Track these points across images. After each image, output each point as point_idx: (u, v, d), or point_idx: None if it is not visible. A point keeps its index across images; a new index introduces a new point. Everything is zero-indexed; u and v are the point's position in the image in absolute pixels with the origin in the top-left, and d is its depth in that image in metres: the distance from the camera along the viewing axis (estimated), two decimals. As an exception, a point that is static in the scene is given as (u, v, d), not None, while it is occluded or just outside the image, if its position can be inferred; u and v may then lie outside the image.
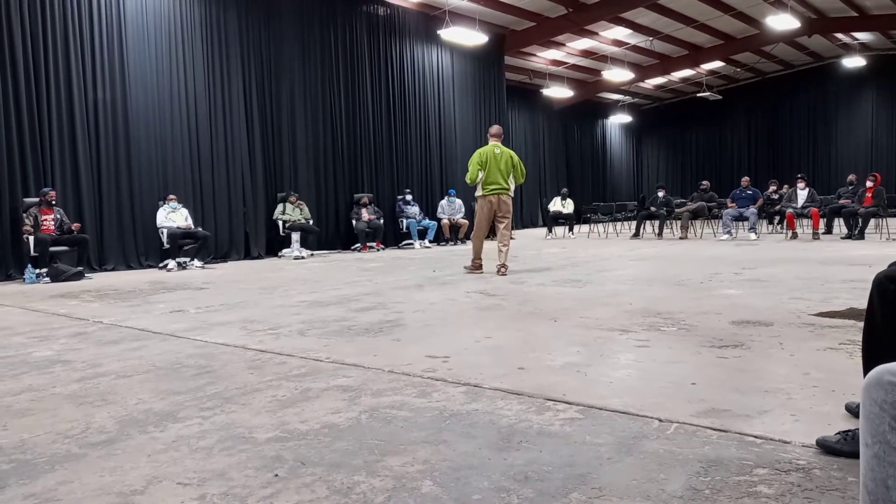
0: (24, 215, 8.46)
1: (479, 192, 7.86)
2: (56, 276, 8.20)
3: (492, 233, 8.23)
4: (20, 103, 8.76)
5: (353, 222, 12.80)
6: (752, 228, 12.73)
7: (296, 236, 11.42)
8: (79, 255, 8.77)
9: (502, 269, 7.63)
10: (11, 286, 7.96)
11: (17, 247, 8.65)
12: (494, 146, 7.83)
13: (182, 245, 9.80)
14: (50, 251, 8.37)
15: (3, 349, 4.05)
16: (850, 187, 13.78)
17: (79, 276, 8.38)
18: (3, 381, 3.23)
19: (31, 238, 8.30)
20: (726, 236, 12.83)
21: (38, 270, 8.24)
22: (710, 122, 26.22)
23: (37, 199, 8.62)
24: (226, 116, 11.18)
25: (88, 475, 2.03)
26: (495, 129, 8.14)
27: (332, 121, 12.98)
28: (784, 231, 13.20)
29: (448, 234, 14.28)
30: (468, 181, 7.93)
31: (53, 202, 8.65)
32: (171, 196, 9.96)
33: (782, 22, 15.31)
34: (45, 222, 8.53)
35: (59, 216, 8.71)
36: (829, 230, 12.95)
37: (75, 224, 8.78)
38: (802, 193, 12.74)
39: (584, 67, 20.79)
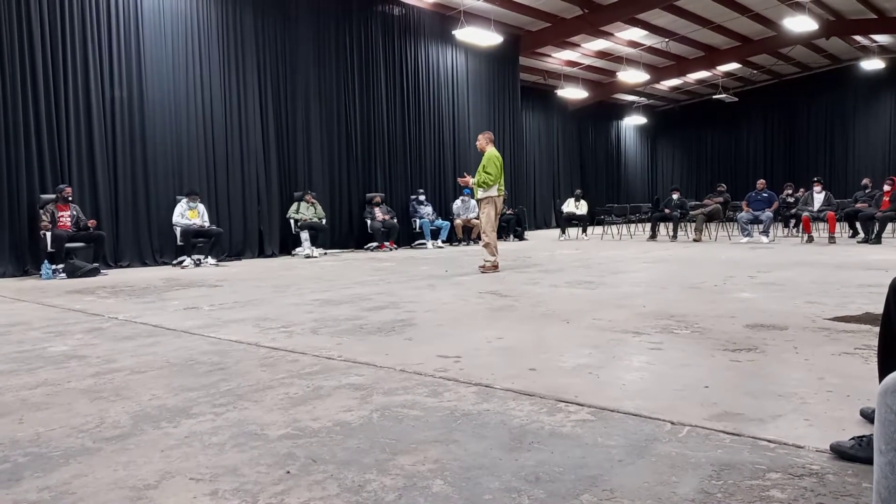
0: (41, 212, 8.55)
1: (493, 193, 8.02)
2: (72, 272, 8.28)
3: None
4: (38, 101, 8.86)
5: (368, 222, 12.82)
6: (765, 231, 12.63)
7: (305, 234, 11.45)
8: (94, 252, 8.86)
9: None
10: (28, 282, 8.05)
11: (34, 243, 8.75)
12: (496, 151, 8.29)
13: (195, 243, 9.87)
14: (66, 247, 8.46)
15: (19, 344, 4.09)
16: (867, 191, 13.65)
17: (94, 272, 8.46)
18: (20, 376, 3.27)
19: (48, 234, 8.38)
20: (746, 239, 12.75)
21: (54, 266, 8.32)
22: (726, 125, 26.05)
23: (53, 196, 8.71)
24: (241, 115, 11.24)
25: (102, 469, 2.05)
26: (491, 134, 8.59)
27: (347, 120, 13.03)
28: (800, 234, 13.10)
29: (461, 235, 14.29)
30: (490, 183, 8.01)
31: (70, 199, 8.74)
32: (194, 195, 10.02)
33: (800, 24, 15.18)
34: (61, 219, 8.62)
35: (75, 213, 8.79)
36: (855, 233, 12.85)
37: (91, 221, 8.87)
38: (819, 197, 12.62)
39: (599, 68, 20.72)
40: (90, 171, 9.44)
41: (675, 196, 14.33)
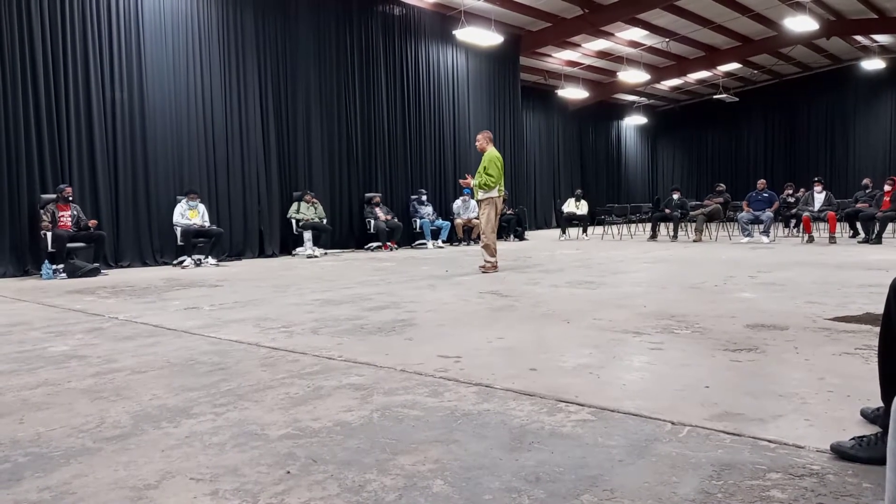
0: (42, 212, 8.56)
1: (493, 194, 8.03)
2: (72, 272, 8.28)
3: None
4: (39, 101, 8.86)
5: (371, 221, 12.80)
6: (765, 232, 12.63)
7: (308, 235, 11.48)
8: (95, 252, 8.86)
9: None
10: (29, 282, 8.05)
11: (34, 243, 8.76)
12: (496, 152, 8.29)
13: (196, 243, 9.88)
14: (67, 247, 8.46)
15: (20, 344, 4.09)
16: (867, 191, 13.65)
17: (95, 272, 8.46)
18: (20, 376, 3.27)
19: (49, 234, 8.38)
20: (746, 239, 12.74)
21: (54, 266, 8.32)
22: (727, 125, 26.05)
23: (54, 196, 8.71)
24: (241, 115, 11.25)
25: (103, 469, 2.05)
26: (490, 134, 8.57)
27: (347, 120, 13.03)
28: (800, 235, 13.09)
29: (461, 235, 14.28)
30: (491, 185, 8.02)
31: (70, 198, 8.74)
32: (193, 194, 10.04)
33: (800, 24, 15.16)
34: (62, 219, 8.62)
35: (75, 213, 8.79)
36: (855, 233, 12.86)
37: (92, 221, 8.87)
38: (819, 197, 12.62)
39: (600, 68, 20.72)
40: (91, 171, 9.45)
41: (675, 196, 14.32)
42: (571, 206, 16.42)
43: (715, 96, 23.54)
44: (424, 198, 14.05)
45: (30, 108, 8.77)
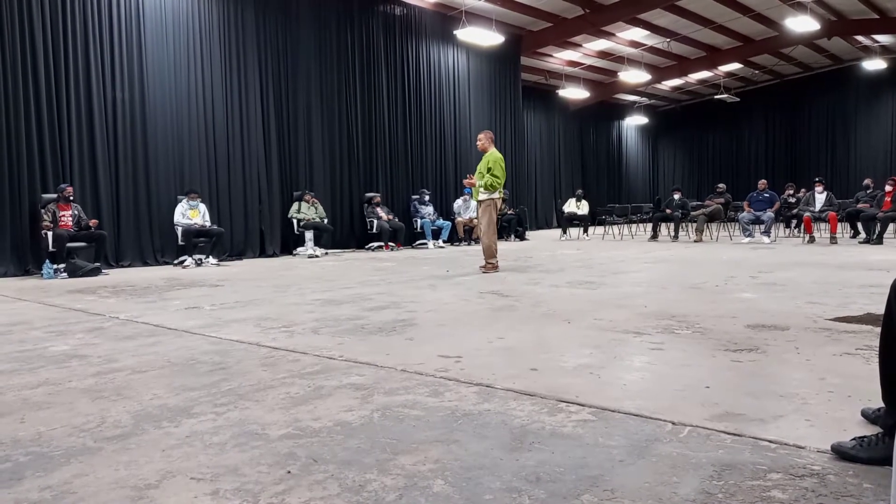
0: (43, 211, 8.56)
1: (496, 195, 8.06)
2: (73, 272, 8.29)
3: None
4: (40, 101, 8.87)
5: (374, 221, 12.80)
6: (766, 232, 12.63)
7: (309, 234, 11.50)
8: (96, 251, 8.87)
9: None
10: (30, 281, 8.05)
11: (35, 242, 8.76)
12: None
13: (196, 243, 9.89)
14: (67, 247, 8.47)
15: (21, 343, 4.09)
16: (868, 191, 13.65)
17: (96, 271, 8.47)
18: (21, 375, 3.27)
19: (50, 234, 8.39)
20: (747, 239, 12.74)
21: (55, 266, 8.33)
22: (728, 125, 26.04)
23: (55, 195, 8.72)
24: (242, 115, 11.25)
25: (103, 468, 2.05)
26: (492, 134, 8.55)
27: (348, 120, 13.04)
28: (801, 235, 13.09)
29: (462, 234, 14.28)
30: (497, 186, 8.03)
31: (71, 198, 8.75)
32: (194, 194, 10.05)
33: (801, 24, 15.16)
34: (62, 218, 8.63)
35: (76, 212, 8.80)
36: (856, 234, 12.87)
37: (93, 220, 8.88)
38: (820, 197, 12.62)
39: (601, 68, 20.72)
40: (91, 171, 9.45)
41: (676, 196, 14.32)
42: (572, 206, 16.42)
43: (716, 96, 23.54)
44: (427, 198, 14.05)
45: (31, 107, 8.78)
